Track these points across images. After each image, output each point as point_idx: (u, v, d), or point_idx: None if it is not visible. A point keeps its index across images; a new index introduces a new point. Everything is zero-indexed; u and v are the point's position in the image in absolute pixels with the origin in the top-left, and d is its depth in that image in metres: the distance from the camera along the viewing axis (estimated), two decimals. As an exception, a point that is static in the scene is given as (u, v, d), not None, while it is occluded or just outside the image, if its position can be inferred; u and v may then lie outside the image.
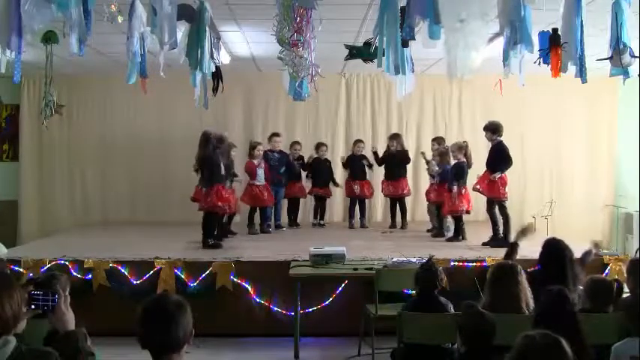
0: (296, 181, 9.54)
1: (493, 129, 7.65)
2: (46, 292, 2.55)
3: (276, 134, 9.45)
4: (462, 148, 8.03)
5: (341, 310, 6.28)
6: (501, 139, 7.68)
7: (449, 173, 8.26)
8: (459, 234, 8.01)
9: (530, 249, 6.74)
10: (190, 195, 8.41)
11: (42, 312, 2.54)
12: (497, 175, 7.49)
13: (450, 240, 8.05)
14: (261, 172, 8.84)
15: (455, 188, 7.86)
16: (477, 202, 8.44)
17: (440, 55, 6.02)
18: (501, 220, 7.62)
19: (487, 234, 7.70)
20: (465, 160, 7.96)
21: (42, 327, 2.72)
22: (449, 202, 7.99)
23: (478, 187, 7.73)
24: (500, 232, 7.57)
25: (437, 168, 8.60)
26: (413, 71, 5.63)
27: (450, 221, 8.45)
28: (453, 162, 8.15)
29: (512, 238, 7.39)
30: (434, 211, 8.86)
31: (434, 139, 9.21)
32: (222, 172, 7.61)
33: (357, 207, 9.62)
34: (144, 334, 2.38)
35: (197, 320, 2.48)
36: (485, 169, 7.77)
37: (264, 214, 9.07)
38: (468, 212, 8.06)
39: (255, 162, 8.82)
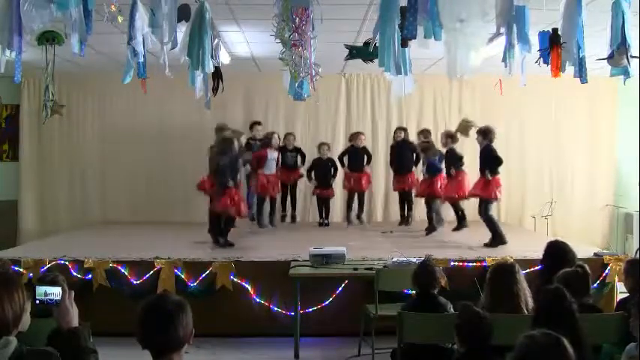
0: (292, 169, 9.55)
1: (484, 133, 7.70)
2: (50, 287, 2.56)
3: (257, 122, 9.43)
4: (450, 135, 8.19)
5: (341, 310, 6.28)
6: (490, 143, 7.67)
7: (436, 164, 8.44)
8: (462, 221, 8.07)
9: (529, 249, 6.77)
10: (196, 185, 8.37)
11: (46, 307, 2.55)
12: (489, 176, 7.51)
13: (456, 229, 8.16)
14: (272, 163, 8.86)
15: (453, 172, 8.06)
16: (467, 202, 8.44)
17: (439, 55, 6.03)
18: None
19: (487, 234, 7.70)
20: (453, 146, 8.15)
21: (45, 326, 2.72)
22: (446, 189, 8.17)
23: (473, 191, 7.76)
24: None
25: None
26: (411, 72, 5.63)
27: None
28: (443, 150, 8.34)
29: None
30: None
31: (420, 132, 9.30)
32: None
33: (356, 203, 9.66)
34: (144, 334, 2.37)
35: (197, 320, 2.48)
36: (478, 174, 7.74)
37: (274, 206, 9.07)
38: (466, 198, 8.17)
39: (270, 151, 8.83)
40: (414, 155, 9.31)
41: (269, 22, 4.84)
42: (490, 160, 7.56)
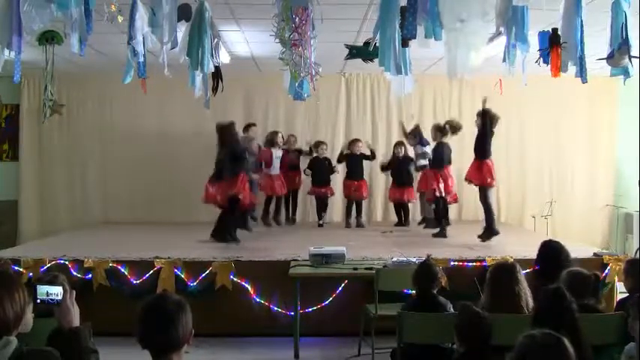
0: (294, 170, 9.56)
1: (483, 116, 7.70)
2: (52, 287, 2.56)
3: (252, 124, 9.37)
4: (439, 129, 8.32)
5: (341, 310, 6.28)
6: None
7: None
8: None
9: (529, 249, 6.77)
10: (201, 197, 8.33)
11: (47, 307, 2.55)
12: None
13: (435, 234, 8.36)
14: (277, 162, 8.84)
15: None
16: (468, 202, 8.46)
17: (439, 54, 6.03)
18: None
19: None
20: (442, 141, 8.29)
21: (46, 325, 2.72)
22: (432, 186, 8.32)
23: (467, 177, 7.79)
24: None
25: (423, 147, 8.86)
26: (411, 72, 5.64)
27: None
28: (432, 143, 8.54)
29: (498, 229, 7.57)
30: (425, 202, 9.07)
31: (413, 129, 9.35)
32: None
33: (355, 207, 9.68)
34: (143, 334, 2.38)
35: (197, 320, 2.48)
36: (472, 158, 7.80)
37: (279, 205, 9.05)
38: (449, 196, 8.34)
39: (275, 150, 8.82)
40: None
41: (269, 22, 4.84)
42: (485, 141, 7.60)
